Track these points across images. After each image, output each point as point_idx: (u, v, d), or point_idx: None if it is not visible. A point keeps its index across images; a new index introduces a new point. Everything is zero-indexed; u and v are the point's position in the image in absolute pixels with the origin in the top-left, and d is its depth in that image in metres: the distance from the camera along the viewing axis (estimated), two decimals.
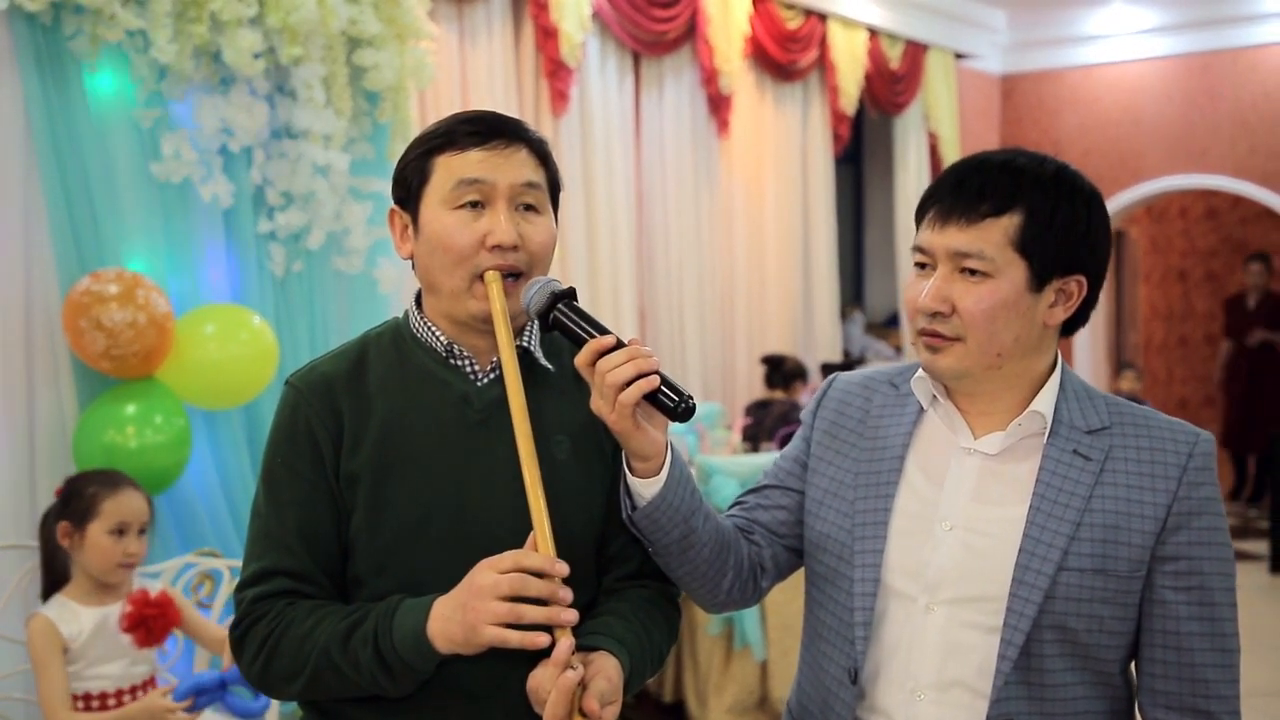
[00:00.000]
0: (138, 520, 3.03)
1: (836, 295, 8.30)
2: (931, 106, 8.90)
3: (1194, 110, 9.60)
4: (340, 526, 1.68)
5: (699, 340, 7.14)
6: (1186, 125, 9.63)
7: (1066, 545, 1.63)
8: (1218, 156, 9.52)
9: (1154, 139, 9.76)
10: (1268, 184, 9.34)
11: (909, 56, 8.57)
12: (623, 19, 6.37)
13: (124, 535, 3.00)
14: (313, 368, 1.74)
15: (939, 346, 1.67)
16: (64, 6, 3.65)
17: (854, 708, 1.72)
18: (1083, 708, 1.67)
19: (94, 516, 2.99)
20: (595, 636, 1.62)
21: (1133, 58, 9.80)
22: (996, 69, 10.21)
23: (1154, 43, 9.69)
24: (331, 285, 4.39)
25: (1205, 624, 1.64)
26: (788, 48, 7.47)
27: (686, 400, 1.58)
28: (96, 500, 2.99)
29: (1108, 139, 9.89)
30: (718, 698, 5.03)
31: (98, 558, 2.99)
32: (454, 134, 1.69)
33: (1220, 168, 9.53)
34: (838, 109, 7.97)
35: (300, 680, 1.62)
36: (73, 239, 3.70)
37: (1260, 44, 9.32)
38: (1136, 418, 1.71)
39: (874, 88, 8.24)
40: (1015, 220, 1.63)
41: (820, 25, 7.74)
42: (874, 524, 1.73)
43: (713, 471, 4.98)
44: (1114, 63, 9.88)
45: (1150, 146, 9.77)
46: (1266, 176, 9.33)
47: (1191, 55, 9.57)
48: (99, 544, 2.99)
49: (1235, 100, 9.43)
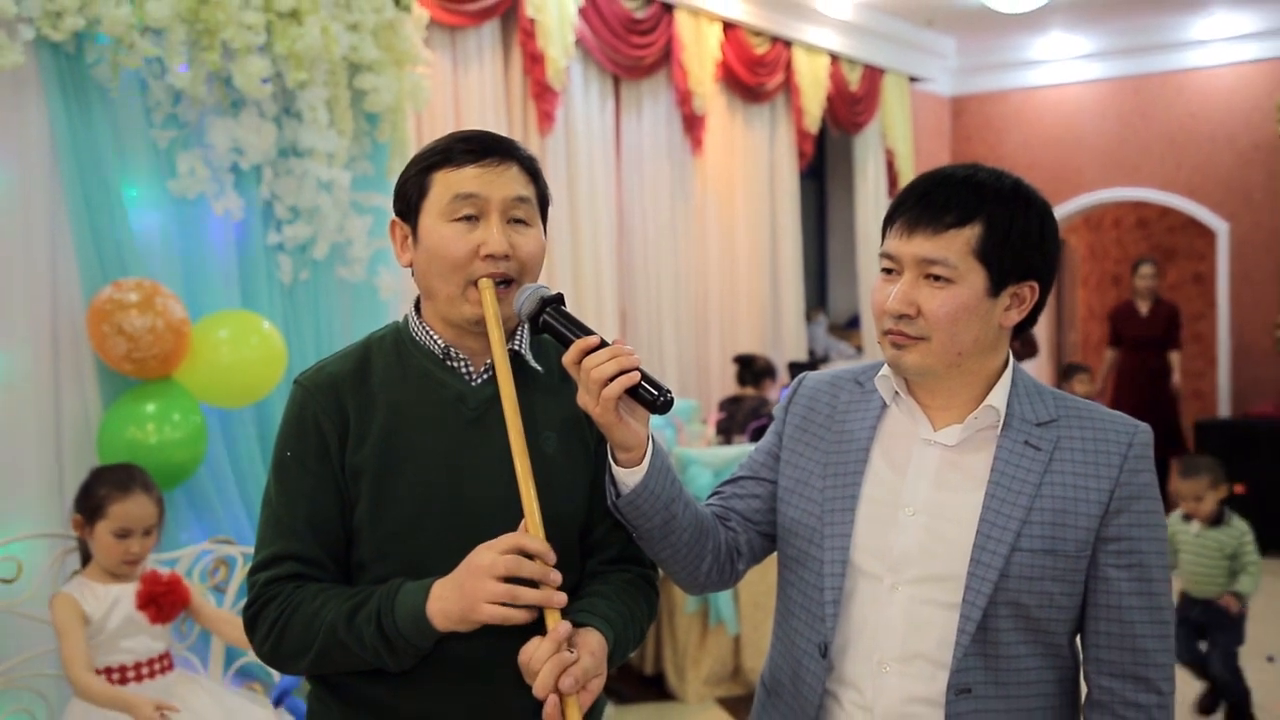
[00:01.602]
0: (142, 524, 3.02)
1: (802, 299, 8.31)
2: (888, 126, 8.92)
3: (1127, 129, 9.65)
4: (345, 515, 1.67)
5: (675, 341, 7.14)
6: (1120, 143, 9.69)
7: (1019, 528, 1.63)
8: (1148, 171, 9.58)
9: (1091, 155, 9.81)
10: (1193, 196, 9.40)
11: (867, 80, 8.59)
12: (604, 45, 6.37)
13: (128, 537, 3.00)
14: (319, 368, 1.73)
15: (905, 345, 1.67)
16: (87, 36, 3.63)
17: (824, 679, 1.72)
18: (1034, 677, 1.67)
19: (102, 517, 3.00)
20: (582, 614, 1.62)
21: (1071, 81, 9.85)
22: (947, 91, 10.25)
23: (1090, 67, 9.74)
24: (335, 292, 4.38)
25: (1144, 599, 1.65)
26: (756, 71, 7.48)
27: (665, 394, 1.58)
28: (106, 502, 3.00)
29: (1049, 155, 9.93)
30: (695, 670, 5.04)
31: (103, 554, 3.03)
32: (451, 152, 1.68)
33: (1150, 181, 9.59)
34: (802, 128, 7.98)
35: (308, 656, 1.62)
36: (96, 251, 3.68)
37: (1186, 69, 9.38)
38: (1081, 411, 1.72)
39: (835, 108, 8.26)
40: (976, 231, 1.63)
41: (786, 51, 7.75)
42: (842, 510, 1.73)
43: (689, 462, 4.99)
44: (1054, 85, 9.93)
45: (1087, 162, 9.83)
46: (1191, 189, 9.40)
47: (1124, 79, 9.63)
48: (104, 542, 3.01)
49: (1164, 120, 9.49)
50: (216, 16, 3.76)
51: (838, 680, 1.72)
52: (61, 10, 3.49)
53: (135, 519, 3.01)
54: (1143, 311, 8.40)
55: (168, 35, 3.70)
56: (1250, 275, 9.25)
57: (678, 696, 5.03)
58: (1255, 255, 9.21)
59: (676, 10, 6.82)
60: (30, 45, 3.53)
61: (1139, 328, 8.37)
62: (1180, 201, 9.48)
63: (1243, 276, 9.28)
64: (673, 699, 5.04)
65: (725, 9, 7.13)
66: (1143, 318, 8.38)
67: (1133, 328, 8.39)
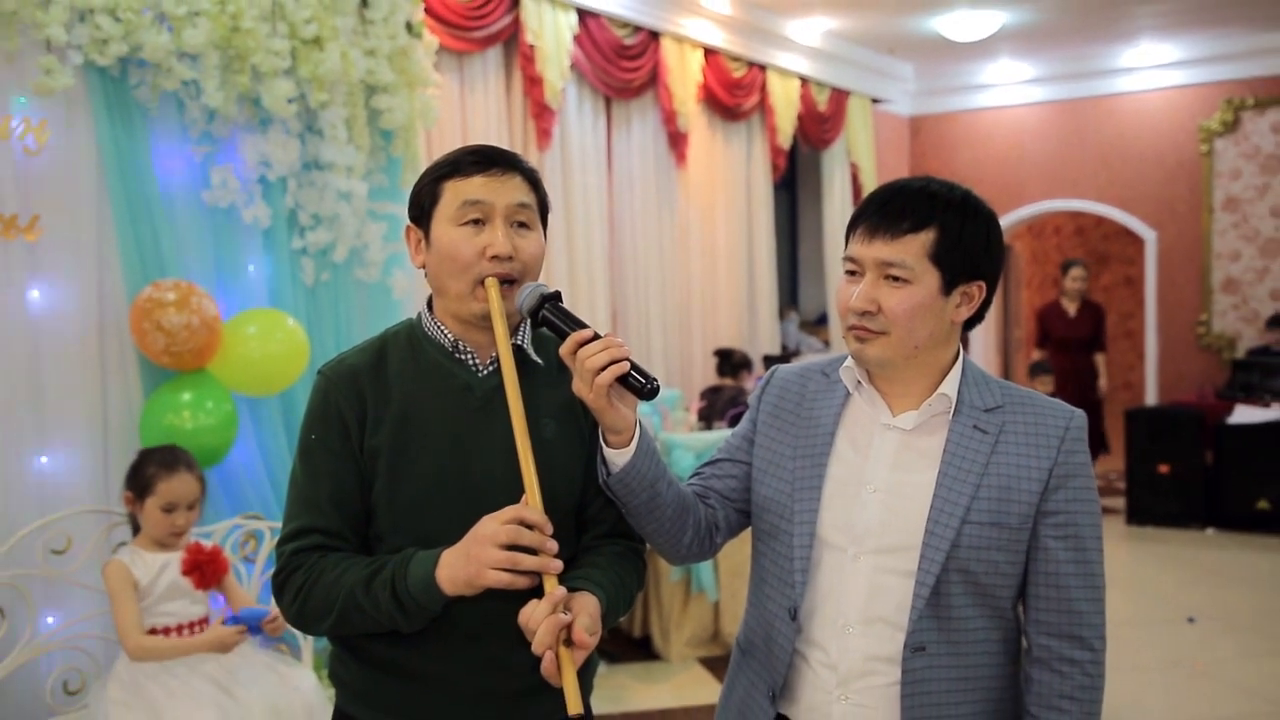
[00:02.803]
0: (186, 500, 3.03)
1: (775, 298, 8.31)
2: (853, 142, 8.92)
3: (1065, 147, 9.68)
4: (364, 492, 1.67)
5: (662, 335, 7.14)
6: (1060, 159, 9.71)
7: (968, 503, 1.63)
8: (1084, 185, 9.61)
9: (1034, 170, 9.84)
10: (1124, 207, 9.44)
11: (834, 101, 8.59)
12: (596, 69, 6.36)
13: (173, 512, 3.00)
14: (340, 360, 1.73)
15: (867, 339, 1.67)
16: (130, 61, 3.62)
17: (793, 640, 1.73)
18: (981, 636, 1.68)
19: (150, 493, 3.00)
20: (579, 581, 1.63)
21: (1017, 103, 9.87)
22: (906, 111, 10.25)
23: (1034, 91, 9.76)
24: (353, 292, 4.36)
25: (1079, 566, 1.66)
26: (734, 93, 7.47)
27: (652, 382, 1.58)
28: (154, 480, 3.00)
29: (997, 169, 9.95)
30: (678, 633, 5.05)
31: (151, 527, 3.03)
32: (460, 163, 1.68)
33: (1086, 194, 9.62)
34: (775, 144, 7.98)
35: (330, 618, 1.62)
36: (137, 254, 3.67)
37: (1116, 93, 9.42)
38: (1024, 399, 1.72)
39: (805, 127, 8.26)
40: (930, 236, 1.63)
41: (761, 75, 7.74)
42: (810, 488, 1.73)
43: (673, 446, 4.99)
44: (1002, 107, 9.95)
45: (1030, 176, 9.85)
46: (1123, 201, 9.43)
47: (1064, 102, 9.65)
48: (152, 516, 3.01)
49: (1098, 139, 9.52)
50: (247, 43, 3.75)
51: (806, 641, 1.73)
52: (108, 38, 3.49)
53: (180, 495, 3.01)
54: (1070, 312, 7.74)
55: (203, 60, 3.69)
56: (1175, 279, 9.29)
57: (663, 657, 5.04)
58: (1179, 261, 9.25)
59: (662, 38, 6.82)
60: (80, 69, 3.52)
61: (1066, 328, 7.72)
62: (1113, 212, 9.52)
63: (1168, 280, 9.32)
64: (658, 659, 5.05)
65: (706, 37, 7.12)
66: (1070, 318, 7.73)
67: (1060, 328, 7.73)
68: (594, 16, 6.30)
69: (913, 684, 1.64)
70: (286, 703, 2.95)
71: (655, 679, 4.85)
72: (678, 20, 6.87)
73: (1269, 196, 8.86)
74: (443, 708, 1.66)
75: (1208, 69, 8.98)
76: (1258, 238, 8.91)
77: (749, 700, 1.81)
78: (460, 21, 5.34)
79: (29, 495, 3.42)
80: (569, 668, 1.48)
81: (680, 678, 4.86)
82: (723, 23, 7.25)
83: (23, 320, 3.44)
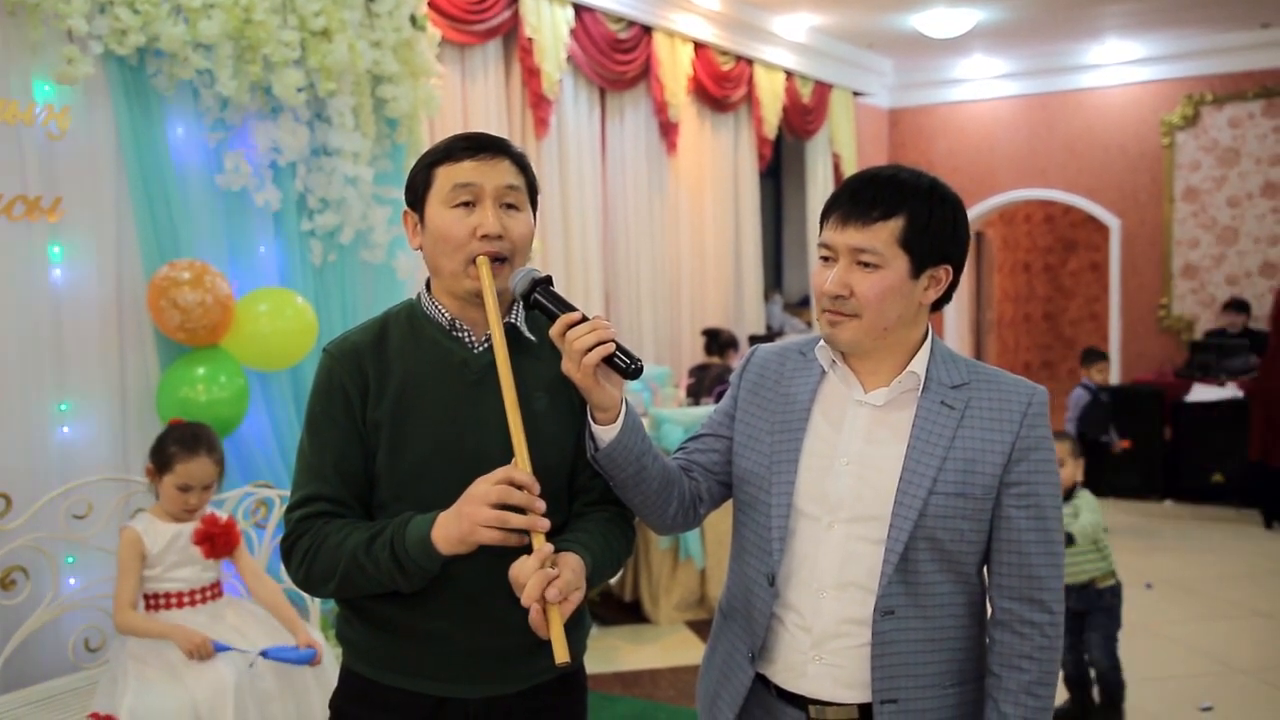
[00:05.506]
0: (202, 482, 3.00)
1: (761, 281, 8.31)
2: (835, 133, 8.90)
3: (1035, 139, 9.66)
4: (367, 462, 1.67)
5: (652, 316, 7.13)
6: (1030, 150, 9.70)
7: (935, 475, 1.64)
8: (1053, 175, 9.60)
9: (1005, 160, 9.82)
10: (1091, 196, 9.43)
11: (817, 94, 8.56)
12: (592, 61, 6.32)
13: (188, 491, 2.98)
14: (344, 338, 1.72)
15: (839, 321, 1.67)
16: (147, 51, 3.60)
17: (771, 604, 1.73)
18: (947, 600, 1.68)
19: (169, 471, 2.99)
20: (566, 543, 1.62)
21: (990, 97, 9.84)
22: (885, 104, 10.22)
23: (1006, 85, 9.73)
24: (359, 273, 4.35)
25: (1039, 534, 1.66)
26: (722, 85, 7.44)
27: (636, 363, 1.59)
28: (174, 460, 2.98)
29: (970, 159, 9.94)
30: (666, 598, 5.07)
31: (167, 501, 3.02)
32: (451, 149, 1.68)
33: (1055, 183, 9.61)
34: (761, 134, 7.95)
35: (334, 580, 1.62)
36: (154, 236, 3.65)
37: (1083, 88, 9.40)
38: (989, 376, 1.71)
39: (790, 118, 8.23)
40: (900, 223, 1.63)
41: (748, 68, 7.71)
42: (787, 461, 1.73)
43: (663, 420, 4.99)
44: (976, 101, 9.93)
45: (1002, 166, 9.83)
46: (1090, 191, 9.42)
47: (1034, 96, 9.63)
48: (169, 493, 3.00)
49: (1066, 132, 9.50)
50: (258, 34, 3.73)
51: (783, 605, 1.73)
52: (126, 29, 3.47)
53: (196, 477, 2.99)
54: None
55: (217, 50, 3.66)
56: (1137, 264, 9.30)
57: (652, 620, 5.07)
58: (1142, 247, 9.26)
59: (654, 32, 6.78)
60: (100, 59, 3.50)
61: None
62: (1080, 201, 9.51)
63: (1131, 265, 9.33)
64: (648, 622, 5.07)
65: (696, 31, 7.09)
66: None
67: None
68: (589, 11, 6.26)
69: (882, 645, 1.65)
70: None
71: (644, 641, 4.88)
72: (669, 15, 6.84)
73: (1226, 188, 8.86)
74: (445, 664, 1.67)
75: (1170, 66, 8.96)
76: (1215, 226, 8.93)
77: (730, 661, 1.82)
78: (462, 15, 5.30)
79: (52, 464, 3.42)
80: (556, 619, 1.49)
81: (668, 640, 4.89)
82: (712, 18, 7.21)
83: (46, 298, 3.42)
